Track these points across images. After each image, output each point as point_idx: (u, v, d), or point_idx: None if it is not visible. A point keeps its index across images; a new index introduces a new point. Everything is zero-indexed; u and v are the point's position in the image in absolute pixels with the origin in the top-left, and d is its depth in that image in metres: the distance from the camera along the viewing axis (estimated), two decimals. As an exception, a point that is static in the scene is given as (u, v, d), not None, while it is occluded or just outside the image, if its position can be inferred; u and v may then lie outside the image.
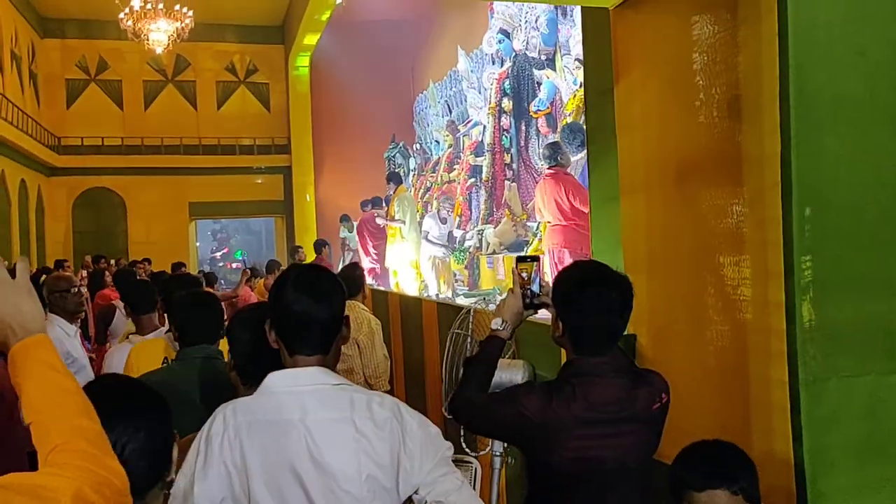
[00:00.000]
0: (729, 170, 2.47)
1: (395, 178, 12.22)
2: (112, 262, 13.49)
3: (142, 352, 3.55)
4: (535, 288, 2.44)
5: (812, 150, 2.25)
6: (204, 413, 1.99)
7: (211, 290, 11.34)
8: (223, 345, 2.74)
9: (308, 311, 1.91)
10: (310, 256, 12.41)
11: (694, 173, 2.68)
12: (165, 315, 3.93)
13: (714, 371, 2.66)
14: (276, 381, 1.90)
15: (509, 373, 3.23)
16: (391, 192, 11.85)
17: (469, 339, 3.62)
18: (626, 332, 2.56)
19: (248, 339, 2.29)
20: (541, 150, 6.68)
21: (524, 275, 2.45)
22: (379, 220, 11.68)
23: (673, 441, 2.21)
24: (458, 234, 12.37)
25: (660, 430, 2.26)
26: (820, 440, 2.27)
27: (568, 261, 6.25)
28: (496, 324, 2.43)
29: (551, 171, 6.45)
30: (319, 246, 11.96)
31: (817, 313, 2.27)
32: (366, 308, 5.02)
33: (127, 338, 4.21)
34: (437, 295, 9.34)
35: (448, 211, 13.15)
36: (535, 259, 2.49)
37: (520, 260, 2.48)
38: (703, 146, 2.60)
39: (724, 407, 2.62)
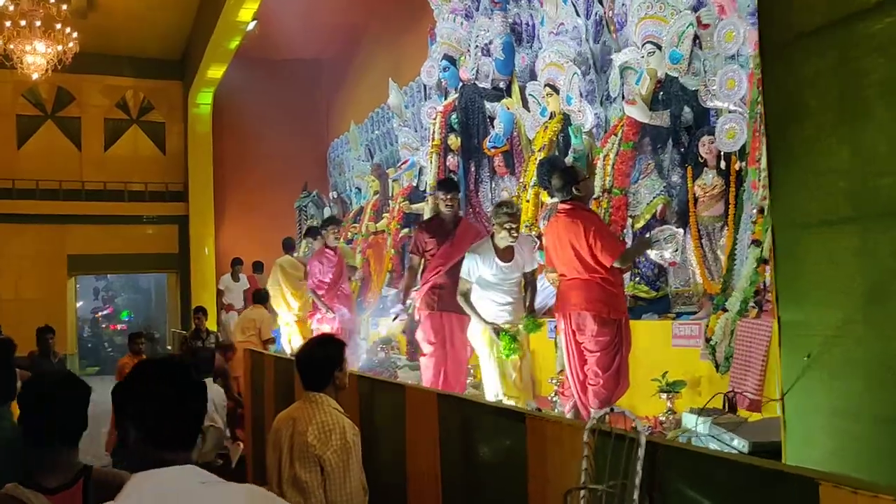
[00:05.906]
0: None
1: (313, 233, 10.20)
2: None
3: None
4: None
5: None
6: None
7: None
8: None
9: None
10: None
11: None
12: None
13: None
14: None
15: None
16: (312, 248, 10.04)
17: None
18: None
19: None
20: (552, 180, 5.00)
21: None
22: None
23: None
24: (389, 293, 10.74)
25: None
26: None
27: (591, 329, 4.58)
28: None
29: (567, 206, 4.75)
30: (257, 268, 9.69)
31: None
32: (340, 408, 3.19)
33: None
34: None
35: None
36: None
37: None
38: None
39: None
